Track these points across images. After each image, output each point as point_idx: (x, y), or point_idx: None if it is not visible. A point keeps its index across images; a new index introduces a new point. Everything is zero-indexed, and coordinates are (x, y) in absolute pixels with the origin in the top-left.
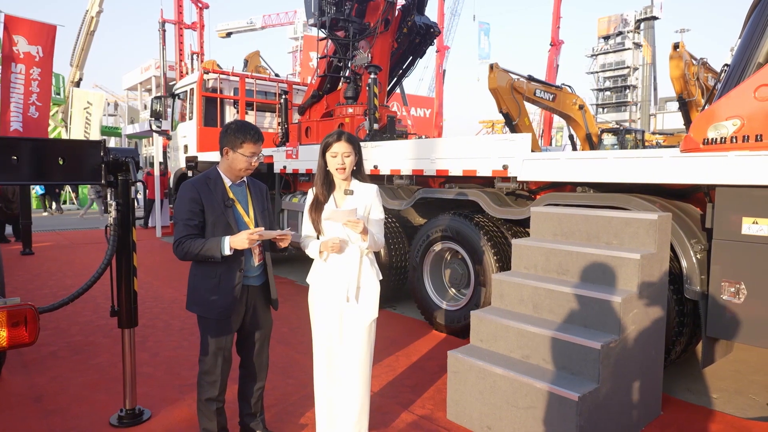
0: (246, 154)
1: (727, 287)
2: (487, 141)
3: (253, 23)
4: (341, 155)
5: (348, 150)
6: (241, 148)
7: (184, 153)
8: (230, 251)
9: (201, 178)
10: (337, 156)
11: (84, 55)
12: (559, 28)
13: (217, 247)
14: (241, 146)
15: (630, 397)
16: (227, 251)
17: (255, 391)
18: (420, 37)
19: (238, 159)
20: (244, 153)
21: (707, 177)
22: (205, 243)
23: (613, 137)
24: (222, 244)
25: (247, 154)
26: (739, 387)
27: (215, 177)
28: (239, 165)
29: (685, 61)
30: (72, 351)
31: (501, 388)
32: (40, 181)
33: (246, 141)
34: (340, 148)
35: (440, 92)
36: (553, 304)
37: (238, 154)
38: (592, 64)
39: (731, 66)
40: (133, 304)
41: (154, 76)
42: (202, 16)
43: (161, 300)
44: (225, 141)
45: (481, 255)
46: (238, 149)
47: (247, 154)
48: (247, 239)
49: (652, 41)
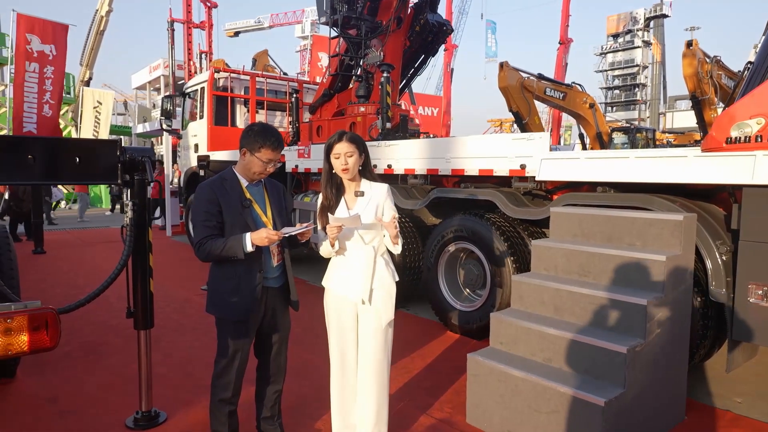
0: (263, 159)
1: (754, 290)
2: (504, 140)
3: (261, 22)
4: (344, 155)
5: (350, 149)
6: (259, 153)
7: (195, 152)
8: (252, 248)
9: (217, 179)
10: (339, 157)
11: (94, 54)
12: (567, 26)
13: (239, 244)
14: (259, 150)
15: (654, 401)
16: (249, 248)
17: (272, 394)
18: (432, 35)
19: (254, 162)
20: (261, 158)
21: (734, 177)
22: (226, 242)
23: (624, 136)
24: (244, 241)
25: (264, 160)
26: (762, 391)
27: (231, 178)
28: (255, 168)
29: (698, 59)
30: (86, 351)
31: (523, 392)
32: (55, 180)
33: (265, 146)
34: (342, 149)
35: (448, 91)
36: (576, 307)
37: (255, 157)
38: (601, 62)
39: (755, 63)
40: (149, 305)
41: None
42: (210, 16)
43: (173, 300)
44: (245, 142)
45: (497, 255)
46: (255, 153)
47: (264, 160)
48: (266, 237)
49: (662, 39)
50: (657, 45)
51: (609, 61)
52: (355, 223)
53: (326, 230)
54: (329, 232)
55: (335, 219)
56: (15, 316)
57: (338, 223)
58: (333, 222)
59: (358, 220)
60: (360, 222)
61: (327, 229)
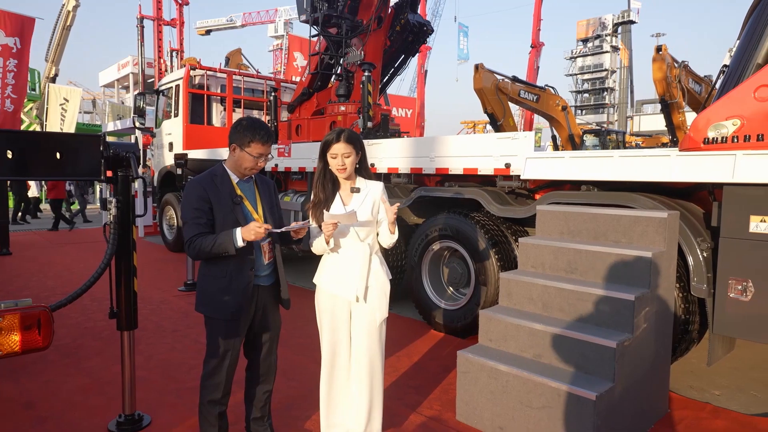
0: (253, 154)
1: (734, 285)
2: (489, 139)
3: (233, 21)
4: (341, 156)
5: (348, 150)
6: (249, 147)
7: (170, 151)
8: (243, 243)
9: (207, 175)
10: (337, 157)
11: (60, 50)
12: (539, 30)
13: (229, 240)
14: (249, 145)
15: (641, 395)
16: (240, 243)
17: (262, 394)
18: (413, 35)
19: (244, 158)
20: (251, 152)
21: (716, 176)
22: (216, 238)
23: (595, 138)
24: (234, 236)
25: (255, 154)
26: (739, 384)
27: (221, 174)
28: (245, 164)
29: (667, 64)
30: (61, 354)
31: (514, 388)
32: (37, 176)
33: (254, 140)
34: (340, 149)
35: (422, 92)
36: (564, 303)
37: (245, 152)
38: (571, 66)
39: (730, 67)
40: (133, 305)
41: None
42: (181, 13)
43: (149, 302)
44: (234, 137)
45: (482, 254)
46: (245, 147)
47: (255, 154)
48: (253, 230)
49: (629, 45)
50: (624, 50)
51: (579, 65)
52: (352, 220)
53: (321, 227)
54: (325, 229)
55: (331, 216)
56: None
57: (334, 219)
58: (328, 219)
59: (354, 216)
60: (356, 219)
61: (322, 226)
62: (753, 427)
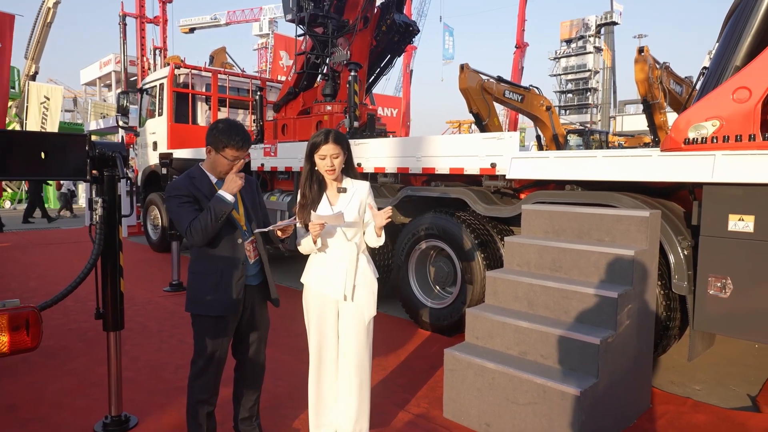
0: (228, 158)
1: (713, 282)
2: (475, 139)
3: (217, 19)
4: (330, 157)
5: (336, 151)
6: (224, 152)
7: (154, 150)
8: (232, 197)
9: (184, 178)
10: (326, 158)
11: (40, 47)
12: (524, 30)
13: (218, 200)
14: (224, 150)
15: (624, 390)
16: (229, 197)
17: (251, 394)
18: (399, 35)
19: (219, 161)
20: (226, 156)
21: (696, 175)
22: (210, 210)
23: (578, 138)
24: (222, 197)
25: (230, 158)
26: (718, 378)
27: (200, 175)
28: (220, 167)
29: (649, 65)
30: (45, 356)
31: (500, 385)
32: (21, 176)
33: (229, 146)
34: (329, 150)
35: (407, 92)
36: (549, 301)
37: (220, 156)
38: (554, 66)
39: (710, 69)
40: (119, 305)
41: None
42: (164, 11)
43: (135, 302)
44: (210, 140)
45: (468, 252)
46: (220, 151)
47: (230, 158)
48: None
49: (612, 46)
50: (607, 51)
51: (562, 65)
52: (339, 221)
53: (308, 227)
54: (311, 229)
55: (318, 216)
56: None
57: (321, 220)
58: (315, 219)
59: (341, 217)
60: (344, 219)
61: (309, 227)
62: (731, 421)
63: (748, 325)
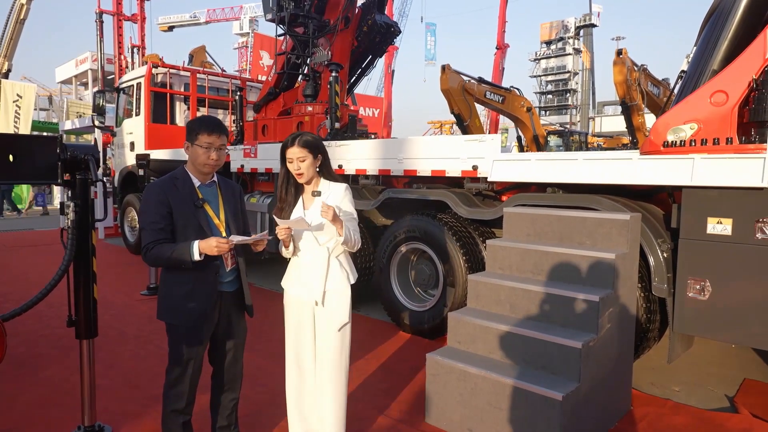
0: (203, 145)
1: (692, 284)
2: (456, 141)
3: (196, 17)
4: (296, 160)
5: (302, 154)
6: (198, 140)
7: (131, 150)
8: (200, 257)
9: (167, 179)
10: (292, 162)
11: (13, 44)
12: (504, 32)
13: (186, 251)
14: (197, 138)
15: (605, 393)
16: (197, 257)
17: (229, 402)
18: (380, 35)
19: (196, 152)
20: (200, 144)
21: (675, 178)
22: (175, 248)
23: (559, 139)
24: (191, 248)
25: (204, 145)
26: (697, 380)
27: (183, 177)
28: (198, 159)
29: (627, 67)
30: (15, 365)
31: (483, 389)
32: None
33: (201, 132)
34: (294, 153)
35: (389, 92)
36: (531, 305)
37: (196, 146)
38: (535, 68)
39: (687, 72)
40: (92, 312)
41: (91, 69)
42: (143, 8)
43: (111, 307)
44: (187, 136)
45: (450, 255)
46: (195, 142)
47: (204, 145)
48: (216, 246)
49: (591, 47)
50: (586, 53)
51: (542, 66)
52: (302, 225)
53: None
54: (278, 234)
55: (282, 221)
56: None
57: (285, 225)
58: (280, 224)
59: (303, 222)
60: (306, 223)
61: (276, 232)
62: (710, 422)
63: (726, 326)
